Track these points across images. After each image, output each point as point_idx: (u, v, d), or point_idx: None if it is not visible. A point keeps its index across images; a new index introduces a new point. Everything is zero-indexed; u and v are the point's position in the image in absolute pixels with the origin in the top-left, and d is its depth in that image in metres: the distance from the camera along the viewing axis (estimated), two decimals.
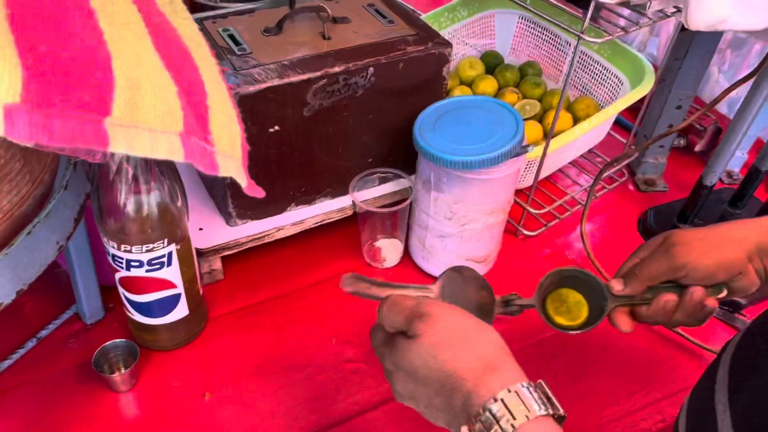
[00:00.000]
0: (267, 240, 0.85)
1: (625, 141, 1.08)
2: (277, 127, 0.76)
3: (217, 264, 0.84)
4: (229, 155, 0.49)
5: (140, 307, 0.72)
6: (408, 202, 0.83)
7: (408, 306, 0.48)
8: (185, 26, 0.51)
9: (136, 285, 0.70)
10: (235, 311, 0.83)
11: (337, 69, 0.76)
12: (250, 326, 0.81)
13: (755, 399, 0.43)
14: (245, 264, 0.88)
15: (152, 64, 0.42)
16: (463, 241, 0.83)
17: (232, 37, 0.78)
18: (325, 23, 0.80)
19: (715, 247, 0.56)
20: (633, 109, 1.02)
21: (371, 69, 0.78)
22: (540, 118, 1.05)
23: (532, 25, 1.16)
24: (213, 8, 1.01)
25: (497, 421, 0.40)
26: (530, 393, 0.41)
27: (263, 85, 0.72)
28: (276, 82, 0.72)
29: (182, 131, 0.42)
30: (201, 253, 0.81)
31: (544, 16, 0.82)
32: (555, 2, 0.86)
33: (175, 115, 0.42)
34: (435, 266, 0.88)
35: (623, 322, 0.60)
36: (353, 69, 0.77)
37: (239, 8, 0.85)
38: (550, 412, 0.41)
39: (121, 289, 0.71)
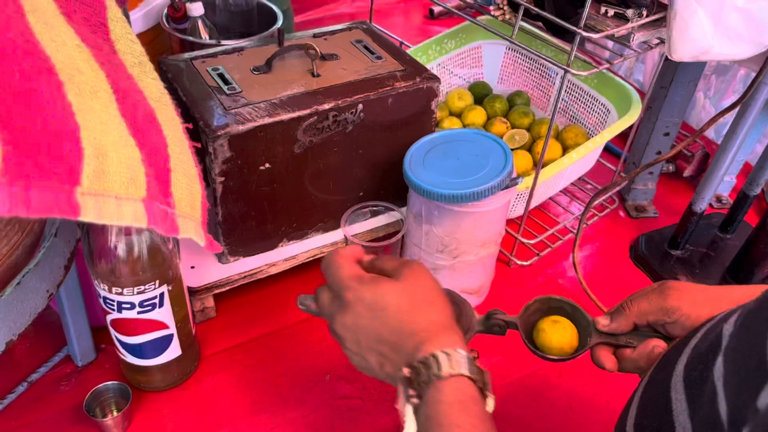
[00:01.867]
0: (259, 276, 0.85)
1: (614, 168, 1.09)
2: (267, 165, 0.76)
3: (210, 302, 0.84)
4: (189, 216, 0.51)
5: (132, 349, 0.72)
6: (399, 235, 0.83)
7: (397, 258, 0.56)
8: (152, 87, 0.52)
9: (127, 327, 0.69)
10: (228, 349, 0.82)
11: (326, 106, 0.76)
12: (243, 364, 0.81)
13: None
14: (238, 301, 0.87)
15: (118, 131, 0.43)
16: (455, 273, 0.83)
17: (221, 76, 0.79)
18: (314, 61, 0.80)
19: (712, 301, 0.53)
20: (621, 136, 1.03)
21: (360, 105, 0.79)
22: (529, 147, 1.06)
23: (519, 56, 1.17)
24: (202, 46, 1.03)
25: (430, 368, 0.46)
26: (463, 358, 0.47)
27: (254, 124, 0.72)
28: (266, 120, 0.73)
29: (145, 197, 0.43)
30: (193, 292, 0.80)
31: (531, 50, 0.83)
32: (540, 34, 0.87)
33: (139, 181, 0.43)
34: None
35: (607, 359, 0.57)
36: (343, 105, 0.77)
37: (228, 47, 0.86)
38: (471, 375, 0.46)
39: (112, 331, 0.71)
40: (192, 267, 0.82)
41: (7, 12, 0.36)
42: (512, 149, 0.87)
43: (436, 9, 1.68)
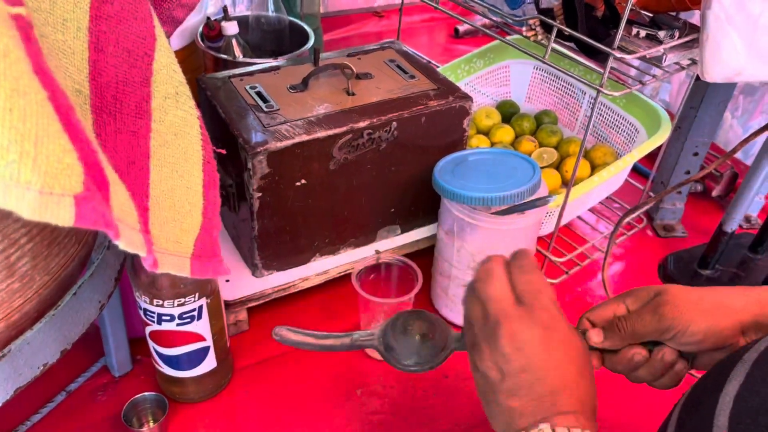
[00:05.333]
0: (292, 290, 0.86)
1: (642, 187, 1.09)
2: (303, 181, 0.78)
3: (243, 315, 0.85)
4: (168, 251, 0.52)
5: (170, 360, 0.73)
6: (412, 293, 0.79)
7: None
8: (177, 119, 0.53)
9: (166, 338, 0.71)
10: (260, 362, 0.83)
11: (361, 124, 0.78)
12: (275, 377, 0.82)
13: None
14: (270, 314, 0.89)
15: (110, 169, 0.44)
16: None
17: (259, 94, 0.81)
18: (350, 80, 0.82)
19: (709, 313, 0.50)
20: (649, 155, 1.03)
21: (394, 123, 0.80)
22: (557, 165, 1.07)
23: (547, 75, 1.18)
24: (235, 64, 1.05)
25: None
26: None
27: (291, 141, 0.74)
28: (303, 137, 0.74)
29: (141, 229, 0.45)
30: (227, 305, 0.82)
31: (563, 70, 0.84)
32: (571, 55, 0.88)
33: (135, 214, 0.44)
34: (459, 315, 0.88)
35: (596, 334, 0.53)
36: (377, 124, 0.79)
37: (265, 66, 0.88)
38: None
39: (151, 343, 0.72)
40: (227, 280, 0.84)
41: (35, 48, 0.37)
42: (541, 168, 0.88)
43: (462, 28, 1.70)
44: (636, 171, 1.20)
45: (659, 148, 1.00)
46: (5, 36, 0.29)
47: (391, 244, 0.90)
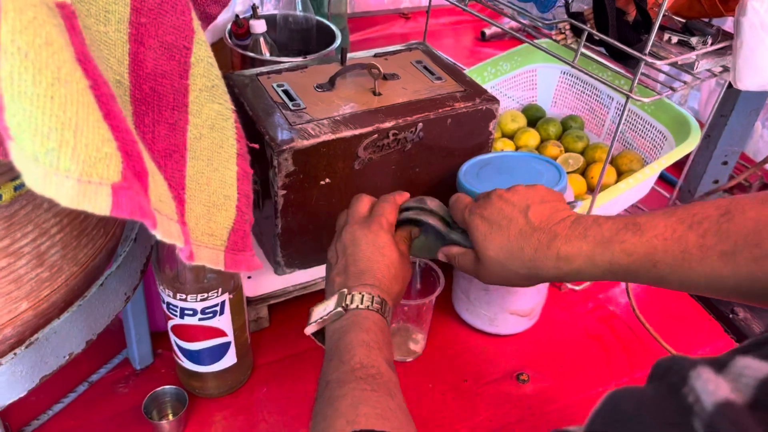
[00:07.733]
0: (313, 289, 0.86)
1: (668, 195, 1.07)
2: (328, 180, 0.78)
3: (264, 312, 0.86)
4: (203, 244, 0.53)
5: (191, 355, 0.73)
6: (434, 295, 0.79)
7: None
8: (213, 112, 0.53)
9: (188, 333, 0.71)
10: (280, 359, 0.84)
11: (387, 124, 0.78)
12: (294, 375, 0.82)
13: None
14: (291, 312, 0.89)
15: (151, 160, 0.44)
16: (508, 295, 0.83)
17: (286, 92, 0.81)
18: (377, 80, 0.82)
19: (507, 263, 0.63)
20: (676, 163, 1.01)
21: (420, 124, 0.80)
22: (583, 171, 1.06)
23: (574, 79, 1.17)
24: (262, 62, 1.05)
25: (361, 297, 0.61)
26: (372, 299, 0.61)
27: (317, 140, 0.74)
28: (329, 137, 0.74)
29: (178, 220, 0.45)
30: (249, 301, 0.82)
31: (593, 75, 0.83)
32: (600, 60, 0.88)
33: (172, 205, 0.44)
34: (479, 318, 0.88)
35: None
36: (403, 124, 0.79)
37: (292, 64, 0.88)
38: (385, 315, 0.61)
39: (173, 337, 0.73)
40: (249, 277, 0.84)
41: (80, 38, 0.37)
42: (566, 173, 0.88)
43: (488, 31, 1.69)
44: (662, 179, 1.19)
45: (687, 156, 0.99)
46: (48, 24, 0.30)
47: None
